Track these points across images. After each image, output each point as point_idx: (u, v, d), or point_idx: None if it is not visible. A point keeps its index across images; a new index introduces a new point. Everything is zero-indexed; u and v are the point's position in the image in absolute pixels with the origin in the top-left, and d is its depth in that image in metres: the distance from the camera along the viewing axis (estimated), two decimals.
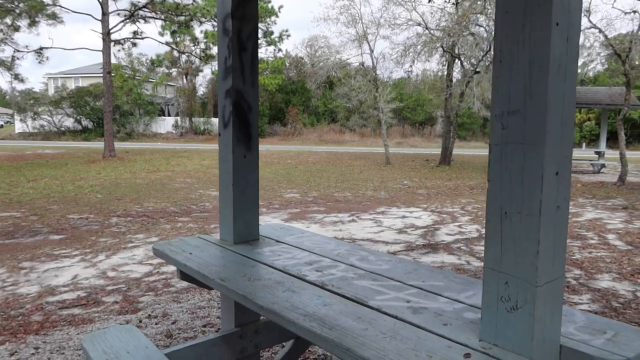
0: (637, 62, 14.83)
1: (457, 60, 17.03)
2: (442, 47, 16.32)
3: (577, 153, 22.46)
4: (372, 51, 18.51)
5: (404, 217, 8.59)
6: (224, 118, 2.48)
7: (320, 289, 1.83)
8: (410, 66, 17.85)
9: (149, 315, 4.00)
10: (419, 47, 16.72)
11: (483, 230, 7.39)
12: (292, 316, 1.58)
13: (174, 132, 38.22)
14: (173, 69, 39.35)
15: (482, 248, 6.48)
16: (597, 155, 16.79)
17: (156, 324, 3.82)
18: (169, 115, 41.86)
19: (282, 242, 2.55)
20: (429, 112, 40.12)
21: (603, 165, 16.29)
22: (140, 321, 3.87)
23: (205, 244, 2.55)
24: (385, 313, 1.60)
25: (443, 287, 1.85)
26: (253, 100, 2.50)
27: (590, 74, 39.96)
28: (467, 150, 27.98)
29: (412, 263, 2.19)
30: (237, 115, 2.44)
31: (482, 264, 5.78)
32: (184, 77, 39.56)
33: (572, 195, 11.47)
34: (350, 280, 1.92)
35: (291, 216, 8.48)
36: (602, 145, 16.45)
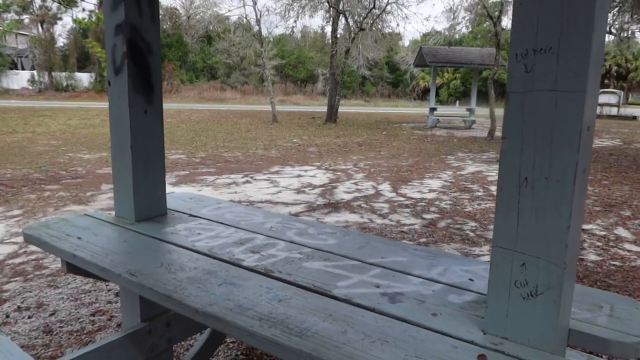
0: (505, 25, 15.89)
1: (341, 17, 16.87)
2: (327, 1, 16.00)
3: (450, 110, 24.03)
4: (255, 3, 17.61)
5: (299, 176, 8.36)
6: (114, 62, 1.91)
7: (266, 278, 1.46)
8: (295, 21, 17.31)
9: (19, 307, 3.29)
10: (303, 1, 16.23)
11: (379, 188, 7.46)
12: (242, 322, 1.20)
13: (30, 88, 33.73)
14: (25, 16, 34.36)
15: (381, 205, 6.53)
16: (468, 112, 18.01)
17: (29, 317, 3.14)
18: (23, 68, 36.81)
19: (198, 217, 2.10)
20: (311, 69, 40.12)
21: (474, 122, 17.53)
22: (8, 316, 3.16)
23: (96, 224, 2.01)
24: (359, 305, 1.28)
25: (407, 264, 1.58)
26: (153, 39, 1.96)
27: (457, 36, 42.66)
28: (349, 107, 28.55)
29: (359, 234, 1.90)
30: (132, 58, 1.89)
31: (384, 221, 5.79)
32: (39, 25, 34.78)
33: (451, 149, 12.17)
34: (299, 263, 1.57)
35: (179, 179, 7.81)
36: (473, 103, 17.65)
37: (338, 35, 16.92)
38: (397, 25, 43.61)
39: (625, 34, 16.06)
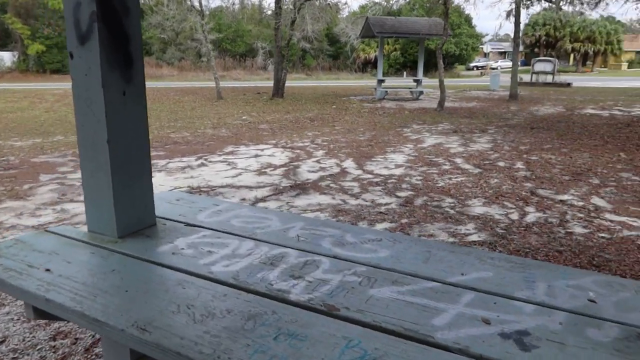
0: None
1: None
2: None
3: (397, 81, 23.98)
4: None
5: (257, 156, 7.87)
6: (78, 26, 1.40)
7: (333, 320, 1.06)
8: None
9: None
10: None
11: (343, 165, 7.12)
12: None
13: None
14: None
15: (351, 184, 6.21)
16: (415, 83, 17.96)
17: None
18: None
19: (198, 226, 1.65)
20: (250, 43, 38.98)
21: (421, 93, 17.52)
22: None
23: (66, 245, 1.51)
24: (482, 358, 0.92)
25: (498, 281, 1.23)
26: None
27: (394, 7, 42.74)
28: (291, 82, 27.87)
29: (411, 240, 1.54)
30: (105, 21, 1.38)
31: (358, 201, 5.47)
32: None
33: (405, 121, 12.01)
34: (363, 291, 1.18)
35: None
36: (420, 74, 17.60)
37: (282, 6, 16.20)
38: None
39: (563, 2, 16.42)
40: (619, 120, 12.00)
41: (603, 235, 4.22)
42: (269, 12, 36.94)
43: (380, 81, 17.60)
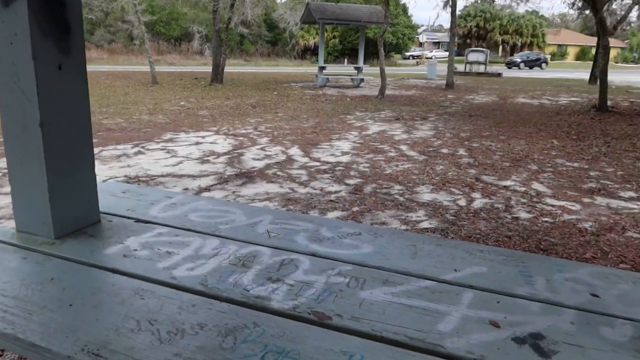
0: None
1: None
2: None
3: (338, 69, 23.96)
4: None
5: (198, 143, 7.54)
6: None
7: (326, 331, 0.92)
8: None
9: None
10: None
11: (289, 152, 6.96)
12: None
13: None
14: None
15: (298, 172, 6.06)
16: (356, 71, 18.00)
17: None
18: None
19: (151, 222, 1.44)
20: (185, 27, 37.67)
21: (362, 80, 17.59)
22: None
23: None
24: None
25: (495, 276, 1.14)
26: None
27: None
28: (230, 67, 27.15)
29: (392, 232, 1.42)
30: None
31: (307, 190, 5.34)
32: None
33: (348, 108, 11.99)
34: (353, 294, 1.05)
35: None
36: (361, 61, 17.64)
37: None
38: None
39: None
40: (548, 109, 12.59)
41: (546, 219, 4.34)
42: None
43: (322, 68, 17.49)
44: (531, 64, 42.60)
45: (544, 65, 43.38)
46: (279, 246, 1.28)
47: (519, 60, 42.69)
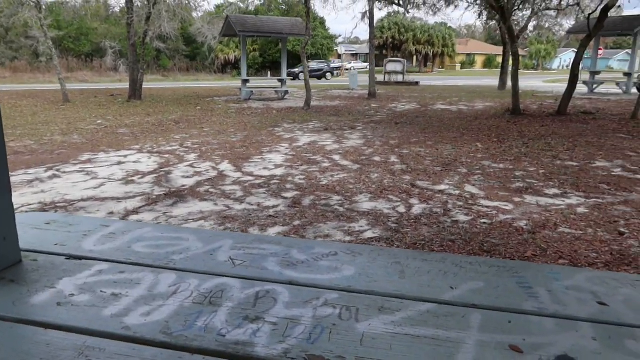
0: None
1: None
2: None
3: (262, 82, 23.74)
4: None
5: (120, 163, 7.06)
6: None
7: None
8: None
9: None
10: None
11: (220, 168, 6.69)
12: None
13: None
14: None
15: (232, 188, 5.80)
16: (280, 83, 17.93)
17: None
18: None
19: (86, 258, 1.21)
20: (96, 42, 35.93)
21: (287, 92, 17.54)
22: None
23: None
24: None
25: (495, 291, 1.04)
26: None
27: (251, 7, 42.64)
28: (147, 83, 26.12)
29: (372, 249, 1.28)
30: None
31: (244, 206, 5.10)
32: None
33: (275, 121, 11.84)
34: (349, 328, 0.89)
35: None
36: (284, 73, 17.59)
37: (134, 1, 14.96)
38: None
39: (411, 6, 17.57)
40: (467, 114, 13.19)
41: (484, 221, 4.43)
42: (117, 9, 34.32)
43: (245, 81, 17.24)
44: (315, 74, 35.87)
45: (328, 75, 38.08)
46: (248, 276, 1.10)
47: (297, 71, 34.54)
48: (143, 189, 5.67)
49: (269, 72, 35.80)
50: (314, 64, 37.49)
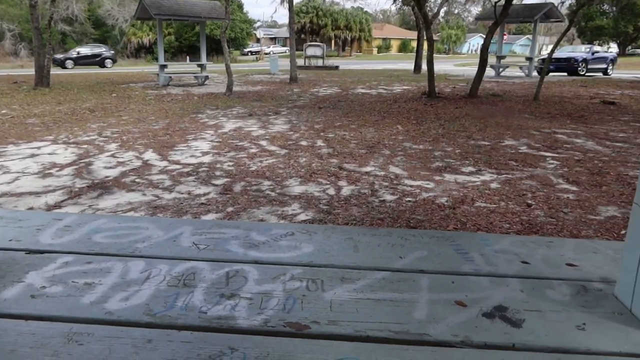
0: None
1: None
2: None
3: (181, 67, 22.96)
4: None
5: (33, 155, 6.65)
6: None
7: (312, 342, 0.86)
8: None
9: None
10: None
11: (144, 157, 6.50)
12: None
13: None
14: None
15: (159, 177, 5.67)
16: (199, 68, 17.48)
17: None
18: None
19: (48, 252, 1.22)
20: None
21: (207, 77, 17.15)
22: None
23: None
24: (492, 346, 0.85)
25: (439, 259, 1.20)
26: None
27: None
28: (53, 69, 24.45)
29: (325, 228, 1.40)
30: None
31: (174, 195, 5.03)
32: None
33: (197, 107, 11.60)
34: (318, 297, 1.00)
35: None
36: (204, 58, 17.16)
37: None
38: None
39: None
40: (386, 98, 13.66)
41: (409, 199, 4.71)
42: None
43: (163, 66, 16.63)
44: (90, 61, 29.52)
45: (108, 62, 29.99)
46: (215, 258, 1.18)
47: (62, 57, 28.88)
48: (63, 181, 5.40)
49: (188, 57, 34.65)
50: (86, 50, 30.11)
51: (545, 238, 1.34)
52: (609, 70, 23.49)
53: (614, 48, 48.41)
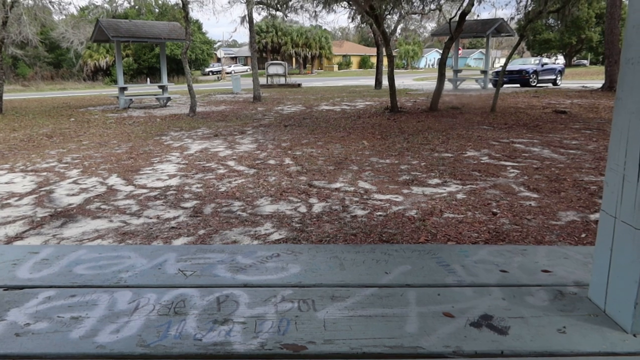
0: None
1: None
2: None
3: (142, 89, 22.60)
4: None
5: None
6: None
7: None
8: None
9: None
10: None
11: (109, 182, 6.36)
12: None
13: None
14: None
15: (126, 202, 5.55)
16: (161, 90, 17.30)
17: None
18: None
19: (28, 287, 1.19)
20: None
21: (169, 99, 16.97)
22: None
23: None
24: (482, 355, 0.89)
25: (422, 272, 1.23)
26: None
27: (120, 10, 40.38)
28: (6, 94, 23.67)
29: (308, 247, 1.42)
30: None
31: (142, 220, 4.94)
32: None
33: (161, 129, 11.45)
34: (310, 317, 1.02)
35: None
36: (165, 79, 16.99)
37: None
38: None
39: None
40: (350, 114, 13.84)
41: (379, 213, 4.78)
42: None
43: (123, 89, 16.36)
44: None
45: None
46: (204, 284, 1.17)
47: None
48: (23, 211, 5.23)
49: (148, 79, 34.22)
50: None
51: (519, 246, 1.40)
52: (558, 81, 24.57)
53: (561, 59, 50.80)
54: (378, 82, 24.24)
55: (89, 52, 38.46)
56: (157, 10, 41.03)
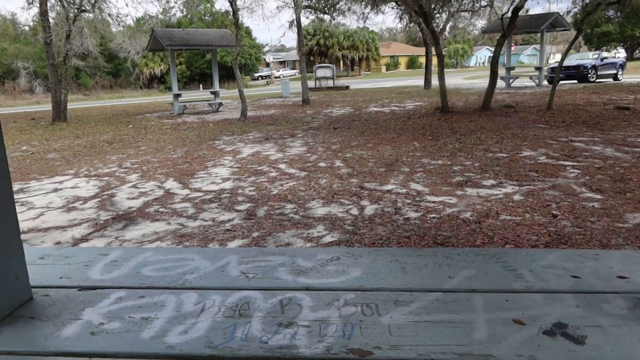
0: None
1: None
2: None
3: (195, 95, 23.33)
4: None
5: (57, 190, 6.77)
6: None
7: None
8: None
9: None
10: None
11: (166, 186, 6.58)
12: None
13: None
14: None
15: (182, 205, 5.73)
16: (213, 95, 17.75)
17: None
18: None
19: (100, 288, 1.24)
20: (7, 63, 33.87)
21: (221, 104, 17.39)
22: None
23: None
24: None
25: (488, 276, 1.19)
26: None
27: (172, 20, 41.76)
28: (70, 103, 25.02)
29: (368, 251, 1.40)
30: None
31: (198, 222, 5.08)
32: None
33: (214, 134, 11.74)
34: (375, 322, 1.01)
35: None
36: (216, 85, 17.44)
37: (50, 18, 14.27)
38: (127, 5, 40.27)
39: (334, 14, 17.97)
40: (399, 115, 13.70)
41: (433, 215, 4.69)
42: (27, 28, 32.46)
43: (177, 95, 16.93)
44: None
45: None
46: (266, 287, 1.19)
47: None
48: (87, 214, 5.48)
49: (200, 85, 35.21)
50: None
51: (591, 251, 1.33)
52: (619, 76, 23.32)
53: (621, 53, 48.16)
54: (427, 82, 23.86)
55: (144, 61, 40.02)
56: (207, 18, 42.20)
